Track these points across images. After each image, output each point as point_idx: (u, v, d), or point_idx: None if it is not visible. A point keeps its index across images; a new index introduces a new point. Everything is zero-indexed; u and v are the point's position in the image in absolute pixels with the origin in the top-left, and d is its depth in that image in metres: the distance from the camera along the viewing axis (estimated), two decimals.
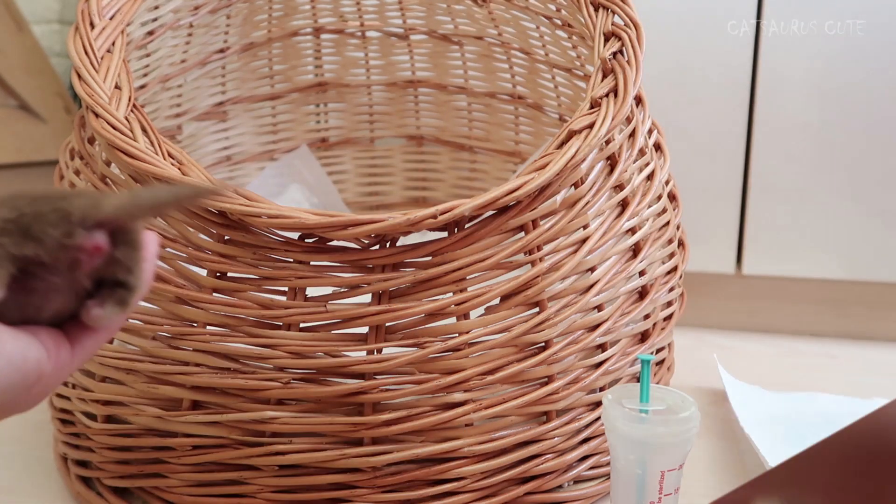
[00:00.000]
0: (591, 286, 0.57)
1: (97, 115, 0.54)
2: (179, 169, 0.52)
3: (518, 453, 0.56)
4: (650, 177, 0.64)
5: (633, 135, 0.61)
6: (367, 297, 0.52)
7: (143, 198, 0.33)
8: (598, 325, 0.58)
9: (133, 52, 0.75)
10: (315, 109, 1.03)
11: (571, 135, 0.54)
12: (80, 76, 0.57)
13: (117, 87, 0.57)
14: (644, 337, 0.63)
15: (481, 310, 0.54)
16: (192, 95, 0.91)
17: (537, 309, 0.55)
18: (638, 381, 0.50)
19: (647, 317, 0.63)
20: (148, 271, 0.34)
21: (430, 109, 1.02)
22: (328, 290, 0.53)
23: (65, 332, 0.33)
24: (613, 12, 0.63)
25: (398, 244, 0.52)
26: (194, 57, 0.87)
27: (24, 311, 0.32)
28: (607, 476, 0.61)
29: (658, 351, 0.68)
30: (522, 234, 0.54)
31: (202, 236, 0.54)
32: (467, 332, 0.53)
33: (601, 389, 0.60)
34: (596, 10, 0.65)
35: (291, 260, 0.52)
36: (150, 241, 0.35)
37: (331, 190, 1.02)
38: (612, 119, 0.55)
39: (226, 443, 0.55)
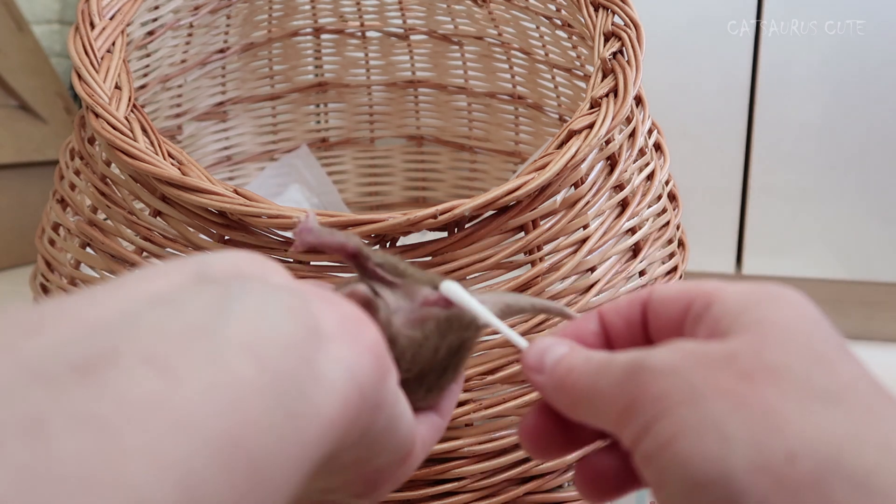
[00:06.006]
0: (591, 286, 0.57)
1: (97, 115, 0.54)
2: (179, 169, 0.52)
3: (518, 453, 0.56)
4: (650, 177, 0.64)
5: (633, 135, 0.61)
6: None
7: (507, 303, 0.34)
8: None
9: (133, 52, 0.75)
10: (315, 109, 1.03)
11: (571, 135, 0.54)
12: (80, 76, 0.57)
13: (117, 87, 0.57)
14: None
15: None
16: (192, 95, 0.91)
17: None
18: None
19: None
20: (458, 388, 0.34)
21: (430, 109, 1.02)
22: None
23: None
24: (613, 12, 0.63)
25: (398, 244, 0.52)
26: (194, 57, 0.87)
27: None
28: None
29: None
30: (522, 234, 0.54)
31: (202, 236, 0.54)
32: None
33: None
34: (596, 10, 0.65)
35: (291, 260, 0.52)
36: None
37: (331, 190, 1.02)
38: (612, 119, 0.55)
39: None
